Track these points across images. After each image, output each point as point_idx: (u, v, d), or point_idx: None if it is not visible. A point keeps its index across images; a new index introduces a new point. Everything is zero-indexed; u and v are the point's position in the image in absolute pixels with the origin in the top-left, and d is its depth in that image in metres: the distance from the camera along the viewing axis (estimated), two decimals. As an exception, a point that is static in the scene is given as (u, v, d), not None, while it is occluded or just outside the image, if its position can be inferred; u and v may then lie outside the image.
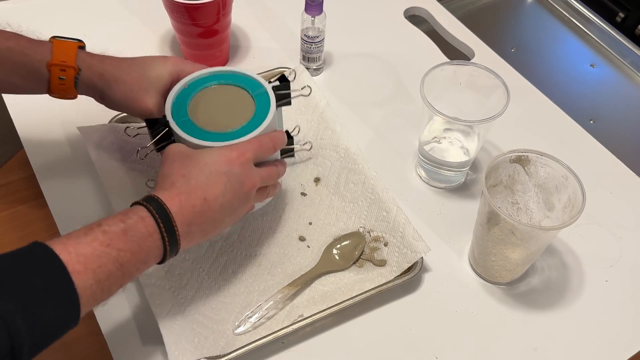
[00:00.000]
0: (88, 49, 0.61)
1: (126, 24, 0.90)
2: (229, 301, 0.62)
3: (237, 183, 0.54)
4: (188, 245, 0.52)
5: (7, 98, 0.78)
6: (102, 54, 0.61)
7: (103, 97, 0.61)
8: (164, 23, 0.85)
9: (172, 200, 0.50)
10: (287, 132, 0.65)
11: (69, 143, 0.75)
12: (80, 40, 0.60)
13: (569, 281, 0.67)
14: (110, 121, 0.74)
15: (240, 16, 0.90)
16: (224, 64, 0.86)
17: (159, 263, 0.51)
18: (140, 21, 0.91)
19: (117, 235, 0.46)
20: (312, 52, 0.82)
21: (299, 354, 0.60)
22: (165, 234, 0.49)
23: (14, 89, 0.60)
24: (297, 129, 0.74)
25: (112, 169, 0.69)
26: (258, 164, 0.58)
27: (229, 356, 0.57)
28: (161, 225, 0.49)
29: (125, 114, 0.73)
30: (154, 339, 0.59)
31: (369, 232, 0.68)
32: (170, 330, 0.58)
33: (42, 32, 0.61)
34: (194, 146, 0.57)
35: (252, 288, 0.63)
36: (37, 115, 0.77)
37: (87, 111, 0.70)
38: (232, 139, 0.57)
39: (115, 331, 0.60)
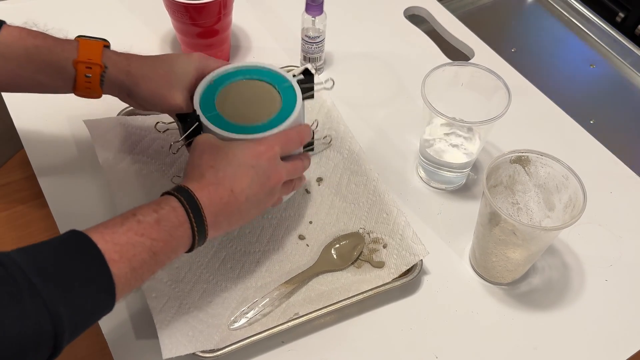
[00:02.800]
0: None
1: (126, 24, 0.90)
2: (225, 296, 0.62)
3: (264, 177, 0.55)
4: (215, 235, 0.53)
5: (7, 97, 0.78)
6: (127, 52, 0.61)
7: (130, 95, 0.61)
8: (165, 23, 0.85)
9: (201, 192, 0.51)
10: None
11: (68, 142, 0.75)
12: (105, 40, 0.61)
13: (570, 281, 0.67)
14: (118, 114, 0.74)
15: (240, 16, 0.90)
16: (224, 64, 0.86)
17: (187, 252, 0.52)
18: (140, 21, 0.91)
19: (151, 225, 0.48)
20: (312, 53, 0.82)
21: (297, 352, 0.60)
22: (195, 225, 0.50)
23: (39, 88, 0.61)
24: (315, 123, 0.74)
25: (115, 162, 0.69)
26: (284, 158, 0.58)
27: (223, 351, 0.57)
28: (191, 215, 0.50)
29: (131, 108, 0.73)
30: (155, 338, 0.59)
31: (368, 233, 0.68)
32: (165, 323, 0.58)
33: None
34: (224, 139, 0.57)
35: (249, 284, 0.64)
36: (36, 114, 0.77)
37: (88, 110, 0.70)
38: (261, 132, 0.58)
39: (115, 331, 0.60)
